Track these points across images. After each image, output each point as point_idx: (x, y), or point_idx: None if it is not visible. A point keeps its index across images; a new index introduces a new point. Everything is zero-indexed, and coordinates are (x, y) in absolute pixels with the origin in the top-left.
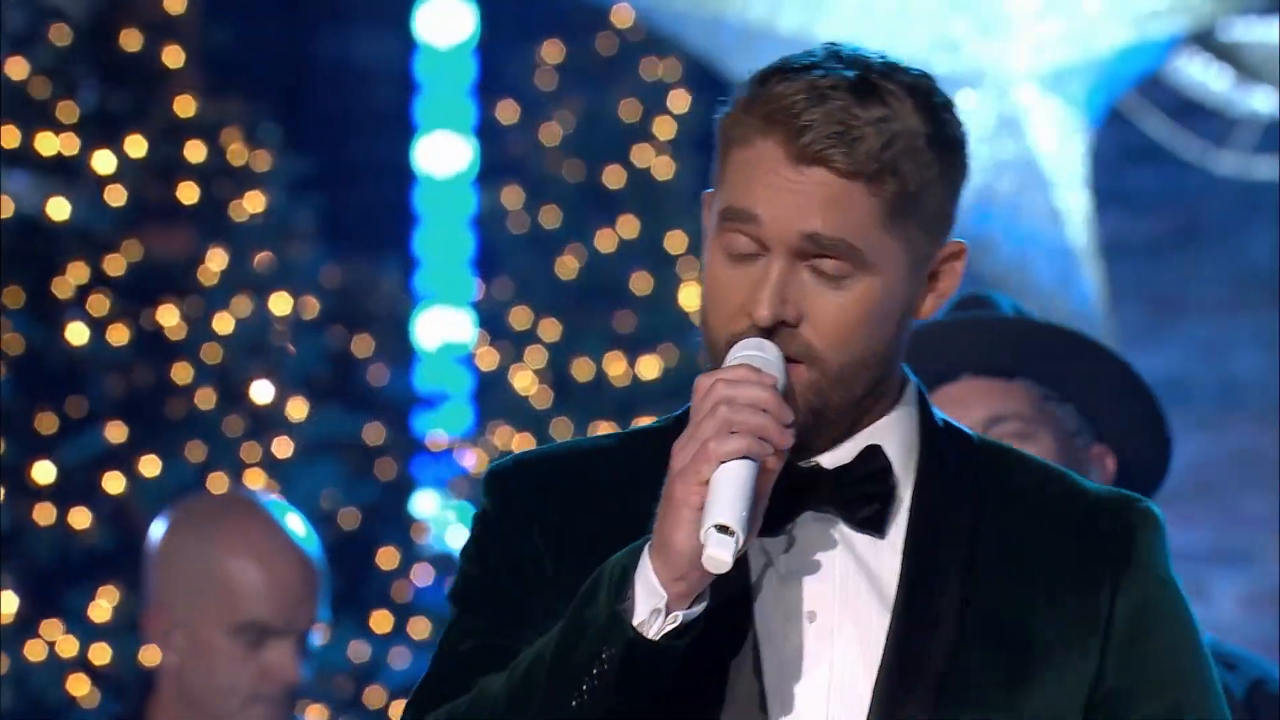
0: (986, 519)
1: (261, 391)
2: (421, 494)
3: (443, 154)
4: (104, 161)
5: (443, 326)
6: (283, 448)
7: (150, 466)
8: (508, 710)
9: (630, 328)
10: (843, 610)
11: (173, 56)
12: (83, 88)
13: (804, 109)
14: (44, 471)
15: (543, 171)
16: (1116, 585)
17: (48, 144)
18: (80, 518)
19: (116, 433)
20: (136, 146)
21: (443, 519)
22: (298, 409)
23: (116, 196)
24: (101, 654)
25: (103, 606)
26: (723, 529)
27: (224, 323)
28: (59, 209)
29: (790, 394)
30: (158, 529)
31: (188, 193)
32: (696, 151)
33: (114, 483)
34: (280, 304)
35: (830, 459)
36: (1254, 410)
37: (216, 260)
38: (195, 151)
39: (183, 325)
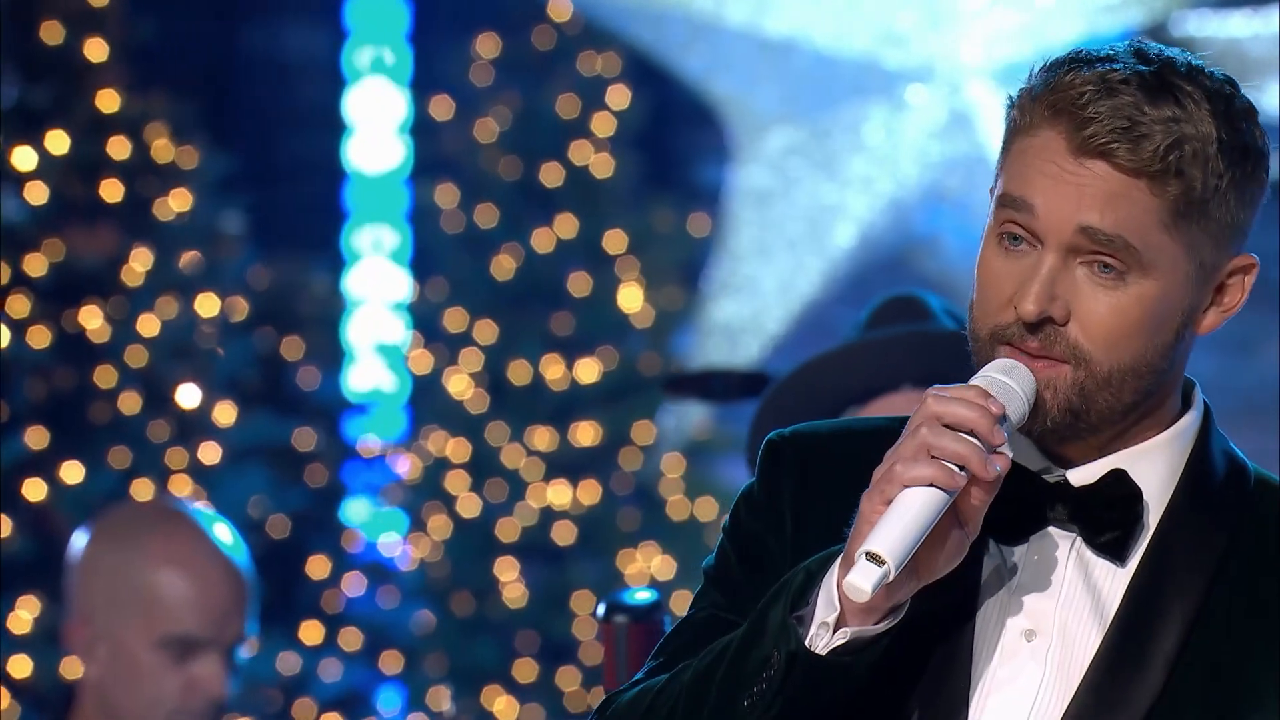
0: (1235, 561)
1: (188, 395)
2: (353, 501)
3: (374, 151)
4: (24, 158)
5: (375, 328)
6: (210, 453)
7: (72, 473)
8: (689, 697)
9: (568, 330)
10: (1061, 633)
11: (96, 50)
12: (2, 82)
13: (1091, 100)
14: None
15: (478, 169)
16: None
17: None
18: None
19: (37, 438)
20: (58, 143)
21: (374, 527)
22: (225, 413)
23: (37, 194)
24: (21, 666)
25: (22, 617)
26: (873, 557)
27: (149, 325)
28: None
29: (1040, 407)
30: (81, 538)
31: (111, 191)
32: (636, 148)
33: (34, 489)
34: (207, 305)
35: (1079, 475)
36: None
37: (141, 260)
38: (119, 148)
39: (106, 327)
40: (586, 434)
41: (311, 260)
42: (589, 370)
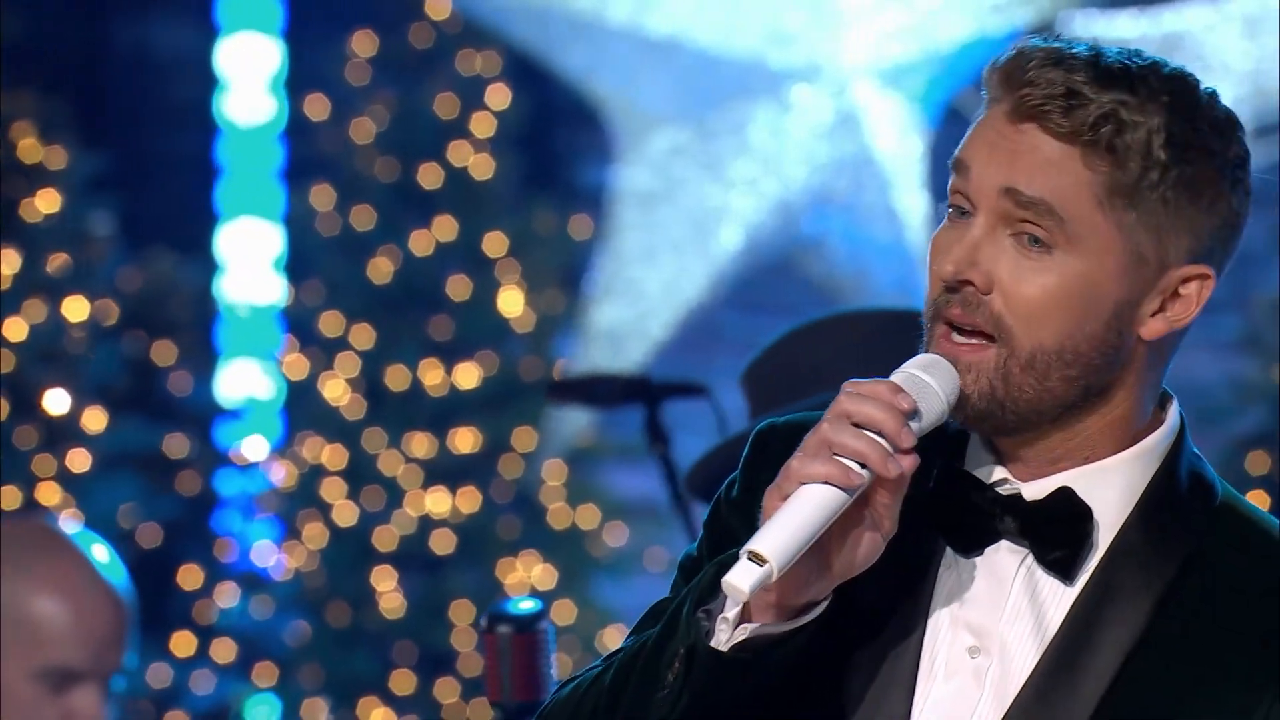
0: (1183, 590)
1: (56, 401)
2: (226, 509)
3: (248, 151)
4: None
5: (249, 333)
6: (79, 461)
7: None
8: (612, 692)
9: (447, 334)
10: (1001, 652)
11: None
12: None
13: (1035, 68)
14: None
15: (354, 170)
16: None
17: None
18: None
19: None
20: None
21: (248, 536)
22: (95, 420)
23: None
24: None
25: None
26: (755, 556)
27: (15, 328)
28: None
29: (962, 393)
30: None
31: None
32: (516, 149)
33: None
34: (76, 309)
35: (1032, 490)
36: None
37: (8, 262)
38: None
39: None
40: (466, 440)
41: (183, 262)
42: (468, 375)
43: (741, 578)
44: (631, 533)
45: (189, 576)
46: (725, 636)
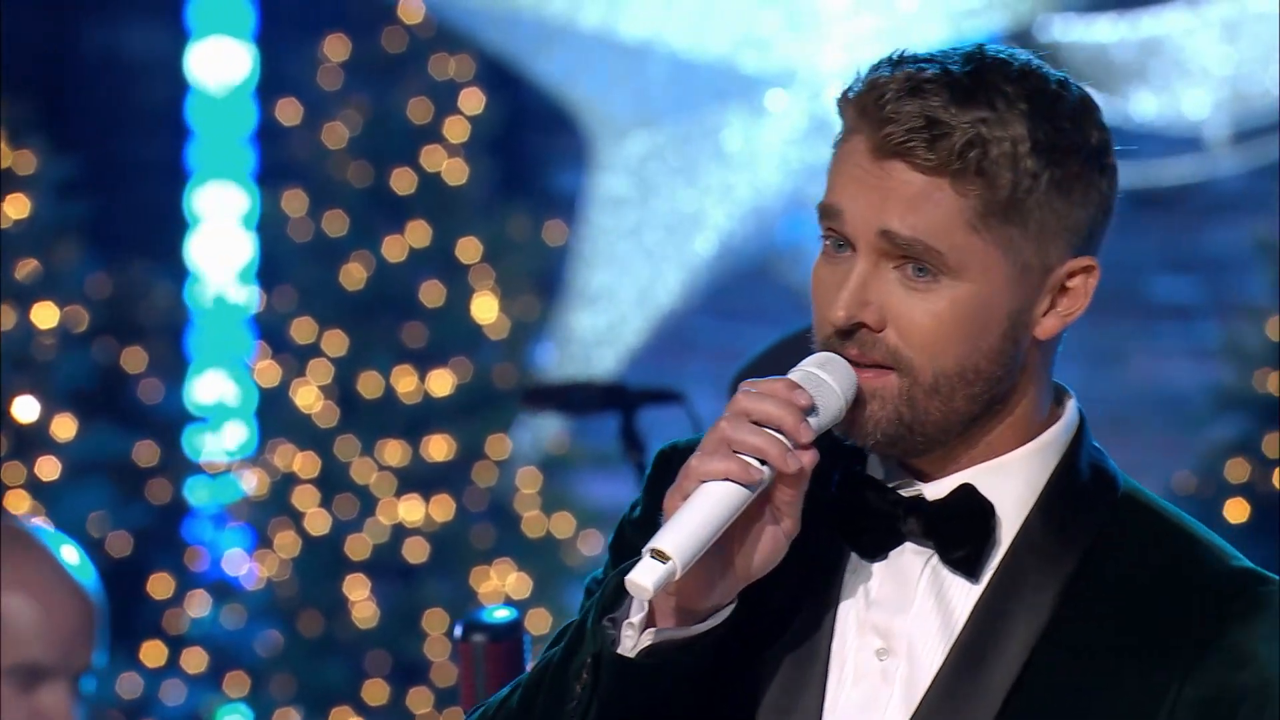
0: (1086, 581)
1: (25, 408)
2: (197, 518)
3: (219, 156)
4: None
5: (220, 339)
6: (48, 468)
7: None
8: (521, 709)
9: (420, 341)
10: (909, 652)
11: None
12: None
13: (892, 100)
14: None
15: (327, 175)
16: (1190, 669)
17: None
18: None
19: None
20: None
21: (219, 544)
22: (64, 427)
23: None
24: None
25: None
26: (658, 554)
27: None
28: None
29: (864, 409)
30: None
31: None
32: (490, 154)
33: None
34: (45, 315)
35: (933, 490)
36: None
37: None
38: None
39: None
40: (439, 448)
41: (154, 268)
42: (442, 382)
43: (645, 575)
44: (606, 541)
45: (159, 585)
46: (631, 643)
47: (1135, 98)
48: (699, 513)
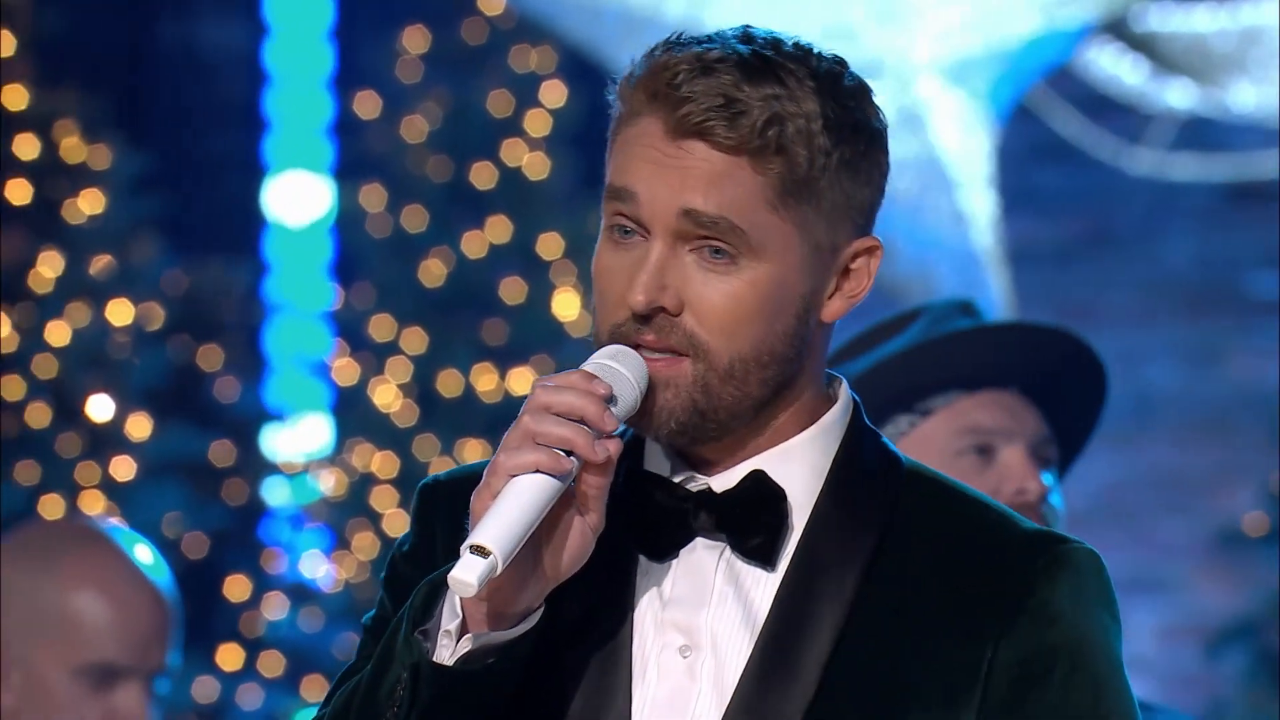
0: (884, 558)
1: (100, 407)
2: (274, 519)
3: (297, 150)
4: None
5: (297, 337)
6: (123, 468)
7: None
8: None
9: (500, 338)
10: (713, 646)
11: (2, 44)
12: None
13: (686, 80)
14: None
15: (406, 169)
16: (1002, 633)
17: None
18: None
19: None
20: None
21: (297, 546)
22: (139, 426)
23: None
24: None
25: None
26: (478, 550)
27: (59, 332)
28: None
29: (657, 398)
30: None
31: (18, 192)
32: (571, 148)
33: None
34: (120, 312)
35: (721, 481)
36: (1169, 428)
37: (50, 265)
38: (26, 147)
39: (14, 335)
40: None
41: (230, 264)
42: (523, 381)
43: (467, 571)
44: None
45: (236, 588)
46: (449, 651)
47: (1234, 88)
48: (513, 506)
